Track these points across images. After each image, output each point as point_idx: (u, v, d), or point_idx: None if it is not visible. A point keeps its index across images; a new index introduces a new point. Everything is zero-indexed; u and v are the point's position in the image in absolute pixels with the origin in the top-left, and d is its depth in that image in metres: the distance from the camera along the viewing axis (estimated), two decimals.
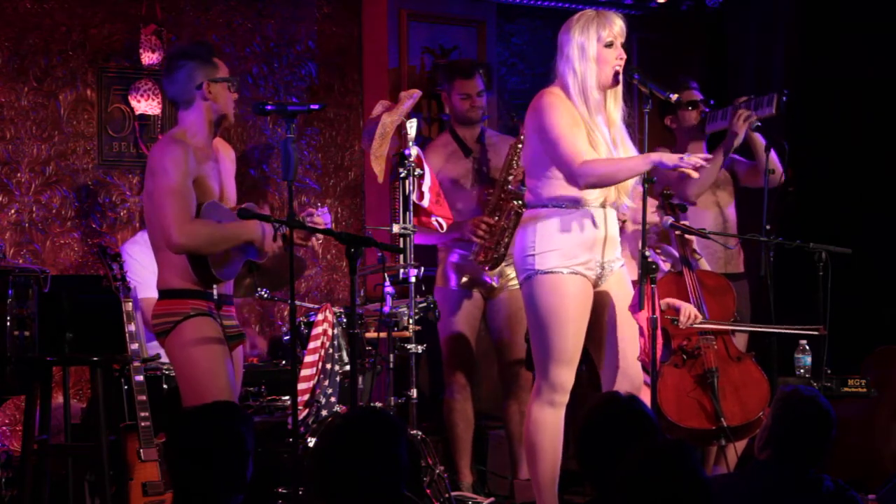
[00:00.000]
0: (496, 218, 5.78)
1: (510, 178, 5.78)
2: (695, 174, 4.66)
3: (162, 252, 4.41)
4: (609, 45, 4.69)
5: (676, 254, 5.70)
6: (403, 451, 3.00)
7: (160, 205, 4.30)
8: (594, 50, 4.68)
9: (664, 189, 5.69)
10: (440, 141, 6.23)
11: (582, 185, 4.67)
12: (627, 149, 4.78)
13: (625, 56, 4.72)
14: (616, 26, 4.71)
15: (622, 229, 5.16)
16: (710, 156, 4.78)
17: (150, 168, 4.38)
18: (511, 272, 5.93)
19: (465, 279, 5.98)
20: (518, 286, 5.87)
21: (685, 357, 5.41)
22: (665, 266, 5.72)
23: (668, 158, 4.59)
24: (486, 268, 5.82)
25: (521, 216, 5.61)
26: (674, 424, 5.25)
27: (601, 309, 4.86)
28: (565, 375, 4.76)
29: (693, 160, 4.56)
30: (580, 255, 4.73)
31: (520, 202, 5.62)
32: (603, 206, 4.78)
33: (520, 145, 5.68)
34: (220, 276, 4.33)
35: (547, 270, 4.71)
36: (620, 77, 4.73)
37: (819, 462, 3.76)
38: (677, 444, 3.05)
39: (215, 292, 4.38)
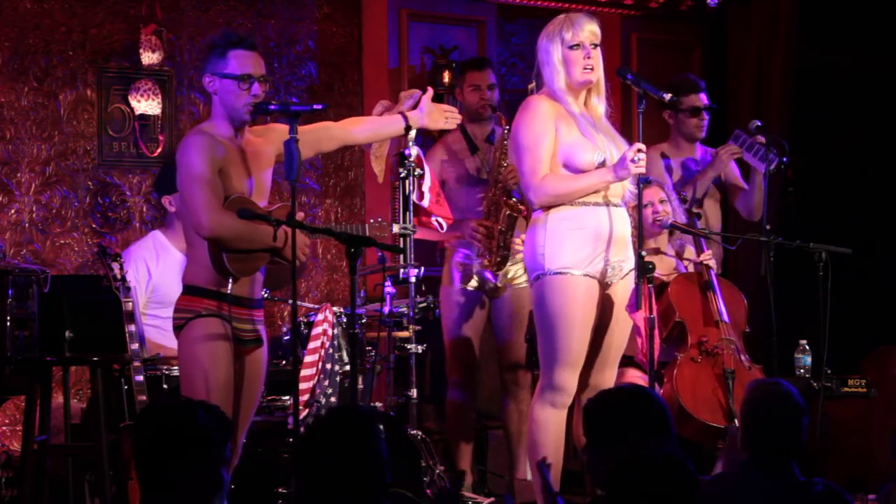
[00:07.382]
0: (492, 220, 5.78)
1: (500, 175, 5.79)
2: (642, 169, 4.67)
3: (190, 247, 4.40)
4: (574, 46, 4.74)
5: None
6: (379, 441, 3.00)
7: (188, 194, 4.27)
8: (559, 53, 4.77)
9: (678, 192, 5.73)
10: (450, 137, 6.22)
11: (535, 202, 4.77)
12: (618, 142, 4.82)
13: (593, 56, 4.76)
14: (581, 28, 4.76)
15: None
16: (642, 145, 4.75)
17: (177, 160, 4.36)
18: (514, 271, 5.94)
19: (470, 279, 5.98)
20: (522, 286, 5.92)
21: (701, 353, 5.41)
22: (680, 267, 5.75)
23: (622, 168, 4.65)
24: (494, 269, 5.82)
25: (515, 219, 5.62)
26: (688, 413, 5.24)
27: (600, 311, 4.85)
28: (568, 377, 4.76)
29: (640, 155, 4.62)
30: (588, 253, 4.73)
31: (514, 200, 5.62)
32: (607, 204, 4.77)
33: (506, 142, 5.71)
34: (233, 272, 4.30)
35: (557, 271, 4.71)
36: (597, 75, 4.78)
37: (798, 450, 3.69)
38: (670, 445, 3.04)
39: (229, 288, 4.35)
